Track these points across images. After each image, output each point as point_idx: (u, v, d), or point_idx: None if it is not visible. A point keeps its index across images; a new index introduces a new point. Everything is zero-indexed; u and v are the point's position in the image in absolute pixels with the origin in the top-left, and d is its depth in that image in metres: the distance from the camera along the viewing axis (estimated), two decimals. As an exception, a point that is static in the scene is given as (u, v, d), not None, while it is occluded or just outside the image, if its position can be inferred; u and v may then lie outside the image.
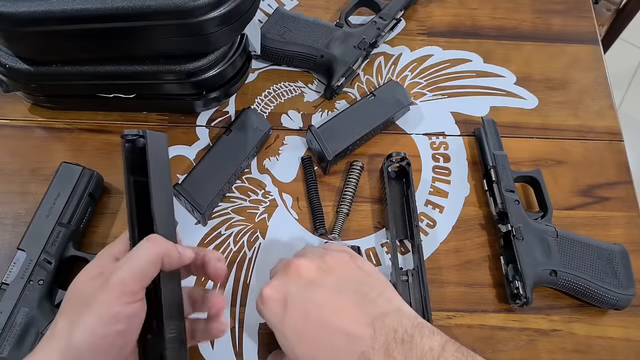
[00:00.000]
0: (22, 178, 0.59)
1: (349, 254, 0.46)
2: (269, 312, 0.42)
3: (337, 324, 0.39)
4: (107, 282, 0.35)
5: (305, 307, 0.41)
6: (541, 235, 0.56)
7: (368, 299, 0.41)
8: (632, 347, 0.56)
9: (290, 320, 0.40)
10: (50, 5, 0.49)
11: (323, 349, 0.39)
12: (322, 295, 0.41)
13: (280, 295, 0.42)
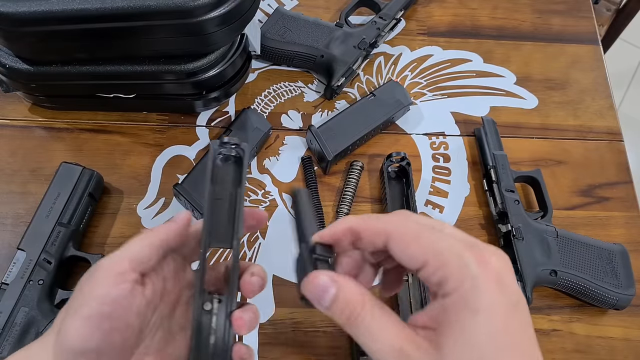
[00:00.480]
0: (22, 178, 0.59)
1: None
2: (492, 290, 0.27)
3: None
4: (97, 266, 0.34)
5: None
6: (541, 235, 0.56)
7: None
8: (632, 347, 0.56)
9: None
10: (50, 5, 0.49)
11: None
12: (527, 323, 0.29)
13: (512, 285, 0.28)
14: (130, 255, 0.34)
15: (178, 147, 0.62)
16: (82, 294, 0.33)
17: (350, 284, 0.30)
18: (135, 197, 0.59)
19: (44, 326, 0.49)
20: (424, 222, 0.31)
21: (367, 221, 0.32)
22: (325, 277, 0.30)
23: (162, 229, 0.36)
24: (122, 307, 0.33)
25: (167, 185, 0.60)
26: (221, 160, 0.38)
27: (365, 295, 0.30)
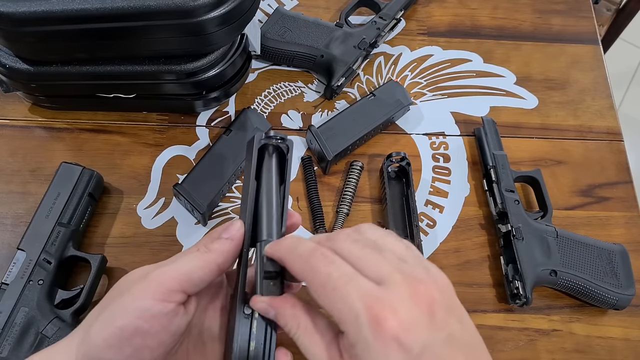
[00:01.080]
0: (22, 178, 0.59)
1: (447, 278, 0.32)
2: (382, 354, 0.27)
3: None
4: (146, 275, 0.32)
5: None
6: (541, 235, 0.56)
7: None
8: (632, 347, 0.56)
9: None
10: (50, 5, 0.49)
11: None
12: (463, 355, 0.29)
13: (411, 341, 0.27)
14: (183, 275, 0.32)
15: (178, 147, 0.62)
16: (122, 300, 0.31)
17: (285, 309, 0.32)
18: (135, 197, 0.59)
19: (44, 326, 0.49)
20: (342, 270, 0.30)
21: (293, 264, 0.32)
22: (264, 305, 0.32)
23: (222, 250, 0.33)
24: (160, 325, 0.31)
25: (167, 185, 0.60)
26: (266, 155, 0.36)
27: (299, 318, 0.32)
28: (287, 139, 0.36)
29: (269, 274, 0.33)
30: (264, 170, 0.36)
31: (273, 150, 0.36)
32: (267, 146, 0.36)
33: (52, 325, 0.49)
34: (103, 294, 0.54)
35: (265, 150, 0.36)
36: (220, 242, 0.34)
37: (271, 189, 0.36)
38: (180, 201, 0.58)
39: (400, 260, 0.31)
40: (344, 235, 0.32)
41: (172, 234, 0.58)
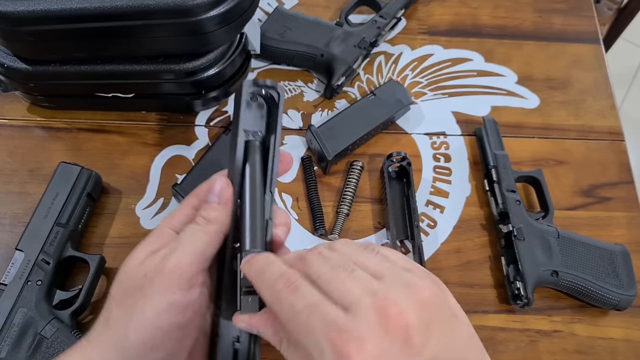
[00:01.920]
0: (20, 178, 0.59)
1: (438, 283, 0.30)
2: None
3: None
4: (163, 267, 0.31)
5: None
6: (542, 236, 0.56)
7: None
8: (634, 347, 0.55)
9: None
10: (49, 4, 0.49)
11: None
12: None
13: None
14: (198, 256, 0.32)
15: (177, 146, 0.62)
16: (150, 298, 0.30)
17: (266, 327, 0.31)
18: (134, 197, 0.59)
19: (43, 327, 0.49)
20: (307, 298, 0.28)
21: (260, 289, 0.31)
22: (244, 324, 0.32)
23: (221, 218, 0.33)
24: (193, 311, 0.31)
25: (166, 185, 0.60)
26: (253, 102, 0.34)
27: (281, 334, 0.30)
28: (277, 86, 0.34)
29: (248, 289, 0.32)
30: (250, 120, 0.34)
31: (261, 99, 0.34)
32: (254, 94, 0.34)
33: (51, 326, 0.49)
34: (102, 294, 0.54)
35: (253, 97, 0.34)
36: (215, 210, 0.33)
37: (256, 138, 0.34)
38: (179, 201, 0.58)
39: (374, 277, 0.28)
40: (315, 255, 0.31)
41: (171, 234, 0.58)
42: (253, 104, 0.34)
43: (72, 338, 0.49)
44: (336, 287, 0.28)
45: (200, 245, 0.32)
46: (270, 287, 0.30)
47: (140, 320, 0.30)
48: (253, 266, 0.32)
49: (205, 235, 0.32)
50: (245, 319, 0.32)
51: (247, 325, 0.31)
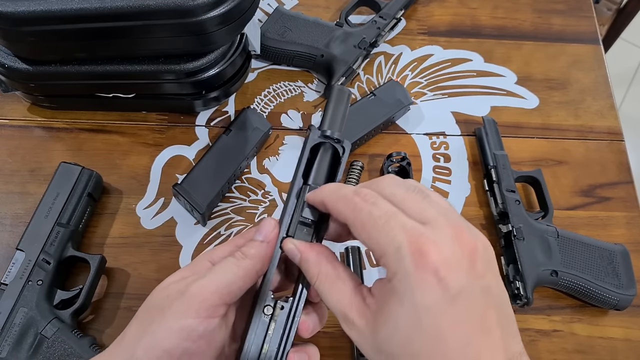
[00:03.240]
0: (21, 178, 0.59)
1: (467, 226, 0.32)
2: (420, 285, 0.27)
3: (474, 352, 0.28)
4: (185, 290, 0.31)
5: (460, 317, 0.27)
6: (542, 236, 0.56)
7: (509, 332, 0.29)
8: (633, 347, 0.55)
9: (437, 320, 0.27)
10: (49, 4, 0.49)
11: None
12: (476, 312, 0.28)
13: (451, 279, 0.27)
14: (224, 288, 0.31)
15: (177, 147, 0.62)
16: (165, 321, 0.30)
17: (310, 255, 0.33)
18: (134, 197, 0.59)
19: (43, 327, 0.49)
20: (384, 208, 0.30)
21: (335, 204, 0.32)
22: (292, 247, 0.33)
23: (259, 255, 0.33)
24: (207, 343, 0.31)
25: (167, 185, 0.60)
26: (317, 150, 0.35)
27: (321, 266, 0.32)
28: (344, 142, 0.35)
29: (305, 220, 0.34)
30: (313, 170, 0.35)
31: (327, 149, 0.35)
32: (322, 144, 0.35)
33: (51, 325, 0.49)
34: (102, 294, 0.54)
35: (319, 148, 0.35)
36: (256, 247, 0.33)
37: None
38: (179, 201, 0.58)
39: (446, 209, 0.31)
40: (389, 179, 0.32)
41: (171, 234, 0.58)
42: (320, 151, 0.35)
43: (72, 338, 0.49)
44: (412, 205, 0.30)
45: (230, 277, 0.31)
46: (348, 199, 0.31)
47: (151, 340, 0.30)
48: (324, 189, 0.33)
49: (238, 269, 0.32)
50: (296, 243, 0.33)
51: (295, 248, 0.33)
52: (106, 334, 0.53)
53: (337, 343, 0.54)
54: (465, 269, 0.28)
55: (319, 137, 0.35)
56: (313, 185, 0.35)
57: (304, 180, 0.35)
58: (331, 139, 0.35)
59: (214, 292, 0.31)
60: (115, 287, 0.55)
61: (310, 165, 0.35)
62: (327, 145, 0.35)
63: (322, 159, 0.35)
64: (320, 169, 0.35)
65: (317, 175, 0.35)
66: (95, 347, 0.50)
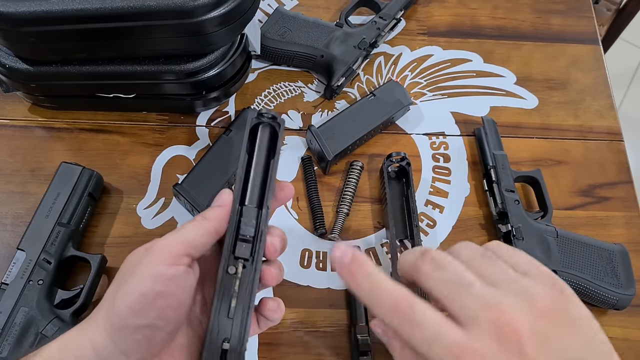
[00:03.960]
0: (21, 178, 0.59)
1: (559, 287, 0.31)
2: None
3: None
4: (152, 247, 0.35)
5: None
6: (541, 235, 0.56)
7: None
8: (632, 347, 0.56)
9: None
10: (50, 5, 0.49)
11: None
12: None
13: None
14: (186, 240, 0.35)
15: (178, 147, 0.62)
16: (136, 272, 0.33)
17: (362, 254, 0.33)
18: (135, 197, 0.59)
19: (44, 326, 0.49)
20: (432, 328, 0.29)
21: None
22: (345, 246, 0.33)
23: (217, 216, 0.36)
24: (177, 286, 0.33)
25: (167, 185, 0.60)
26: (257, 130, 0.39)
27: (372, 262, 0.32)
28: (279, 117, 0.39)
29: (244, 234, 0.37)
30: (256, 145, 0.39)
31: (265, 127, 0.39)
32: (260, 124, 0.39)
33: (52, 325, 0.49)
34: (103, 293, 0.54)
35: (258, 127, 0.39)
36: (214, 210, 0.37)
37: (260, 162, 0.38)
38: (180, 201, 0.58)
39: (490, 286, 0.29)
40: (429, 265, 0.31)
41: (172, 234, 0.58)
42: (258, 130, 0.39)
43: (73, 337, 0.49)
44: (453, 304, 0.29)
45: (192, 234, 0.35)
46: (386, 314, 0.30)
47: (126, 289, 0.33)
48: (360, 286, 0.32)
49: (198, 228, 0.36)
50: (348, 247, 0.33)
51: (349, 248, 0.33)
52: (107, 334, 0.53)
53: (337, 343, 0.54)
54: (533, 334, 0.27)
55: (255, 118, 0.39)
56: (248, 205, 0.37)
57: (248, 156, 0.38)
58: (266, 117, 0.39)
59: (176, 244, 0.34)
60: (115, 286, 0.55)
61: (254, 142, 0.39)
62: (265, 124, 0.39)
63: (262, 137, 0.39)
64: (262, 145, 0.39)
65: (259, 151, 0.38)
66: (96, 346, 0.50)
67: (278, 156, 0.38)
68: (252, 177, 0.38)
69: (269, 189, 0.37)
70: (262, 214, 0.37)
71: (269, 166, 0.38)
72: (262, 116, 0.38)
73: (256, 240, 0.36)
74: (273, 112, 0.39)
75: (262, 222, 0.37)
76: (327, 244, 0.59)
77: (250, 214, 0.37)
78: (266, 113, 0.38)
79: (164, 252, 0.34)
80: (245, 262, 0.36)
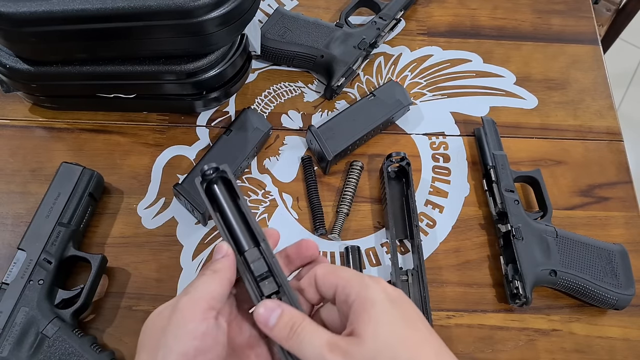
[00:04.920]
0: (22, 178, 0.59)
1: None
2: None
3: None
4: (176, 306, 0.35)
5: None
6: (541, 235, 0.56)
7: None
8: (632, 347, 0.56)
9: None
10: (50, 5, 0.49)
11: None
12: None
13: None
14: (207, 294, 0.35)
15: (178, 147, 0.62)
16: (170, 332, 0.34)
17: (289, 306, 0.36)
18: (135, 197, 0.59)
19: (44, 326, 0.49)
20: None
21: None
22: (272, 303, 0.36)
23: (224, 266, 0.37)
24: (212, 339, 0.34)
25: (168, 185, 0.60)
26: (210, 187, 0.40)
27: (302, 314, 0.36)
28: (220, 168, 0.39)
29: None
30: (218, 200, 0.40)
31: (215, 181, 0.40)
32: (209, 182, 0.40)
33: (52, 325, 0.49)
34: (103, 293, 0.55)
35: (210, 185, 0.40)
36: (220, 262, 0.38)
37: (231, 210, 0.39)
38: (180, 201, 0.58)
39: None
40: None
41: (172, 234, 0.58)
42: (212, 187, 0.40)
43: (73, 337, 0.49)
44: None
45: (210, 288, 0.36)
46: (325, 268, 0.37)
47: (165, 352, 0.33)
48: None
49: (213, 281, 0.36)
50: (273, 301, 0.36)
51: (275, 304, 0.36)
52: (107, 334, 0.53)
53: (337, 342, 0.54)
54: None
55: (200, 182, 0.39)
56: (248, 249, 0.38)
57: (219, 212, 0.40)
58: (209, 173, 0.39)
59: (200, 299, 0.35)
60: (116, 286, 0.55)
61: (214, 198, 0.40)
62: (212, 180, 0.40)
63: (218, 189, 0.40)
64: (223, 196, 0.40)
65: (224, 202, 0.39)
66: (96, 346, 0.50)
67: (242, 195, 0.39)
68: (234, 225, 0.39)
69: (254, 224, 0.39)
70: (263, 248, 0.38)
71: (240, 207, 0.39)
72: (206, 175, 0.39)
73: (273, 270, 0.37)
74: (213, 165, 0.39)
75: (267, 254, 0.38)
76: (328, 244, 0.59)
77: (254, 255, 0.38)
78: (208, 169, 0.39)
79: (192, 309, 0.34)
80: (277, 294, 0.37)
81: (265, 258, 0.37)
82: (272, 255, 0.38)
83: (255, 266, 0.37)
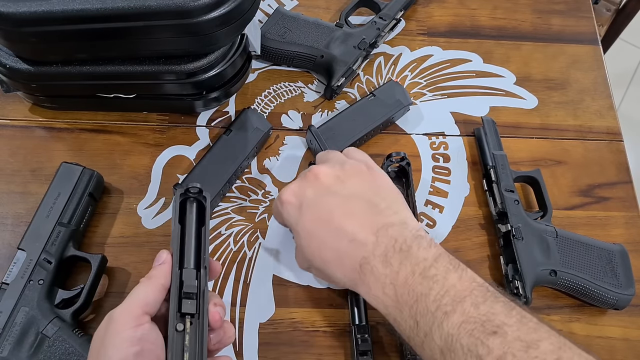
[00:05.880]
0: (22, 178, 0.59)
1: (367, 165, 0.49)
2: (287, 214, 0.47)
3: (345, 229, 0.43)
4: (111, 317, 0.38)
5: (317, 211, 0.45)
6: (541, 235, 0.56)
7: (377, 210, 0.45)
8: (632, 347, 0.56)
9: (304, 222, 0.45)
10: (50, 5, 0.49)
11: (329, 250, 0.44)
12: (335, 201, 0.45)
13: (297, 199, 0.47)
14: (139, 300, 0.38)
15: (178, 147, 0.62)
16: (108, 343, 0.36)
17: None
18: (135, 197, 0.59)
19: (44, 326, 0.49)
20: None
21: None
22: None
23: (161, 273, 0.41)
24: (150, 343, 0.37)
25: (167, 185, 0.60)
26: (186, 202, 0.43)
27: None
28: (203, 193, 0.42)
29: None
30: (186, 217, 0.43)
31: (192, 201, 0.43)
32: (187, 199, 0.43)
33: (52, 325, 0.49)
34: (103, 293, 0.55)
35: (186, 201, 0.43)
36: (157, 269, 0.41)
37: (191, 231, 0.42)
38: (180, 201, 0.59)
39: (324, 162, 0.50)
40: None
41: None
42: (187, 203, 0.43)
43: (73, 337, 0.49)
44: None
45: (142, 294, 0.39)
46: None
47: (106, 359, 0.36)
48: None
49: (146, 287, 0.40)
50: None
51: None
52: (107, 333, 0.53)
53: (337, 343, 0.54)
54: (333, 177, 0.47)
55: (182, 194, 0.42)
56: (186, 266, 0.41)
57: (181, 226, 0.43)
58: (192, 192, 0.43)
59: (133, 307, 0.38)
60: (116, 286, 0.55)
61: (184, 214, 0.43)
62: (191, 199, 0.43)
63: (191, 209, 0.43)
64: (191, 216, 0.43)
65: (189, 222, 0.42)
66: (96, 346, 0.50)
67: (208, 224, 0.42)
68: (187, 243, 0.42)
69: (204, 252, 0.41)
70: (201, 274, 0.40)
71: (201, 233, 0.42)
72: (189, 192, 0.42)
73: (199, 296, 0.40)
74: (199, 187, 0.42)
75: (202, 281, 0.40)
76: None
77: (191, 275, 0.40)
78: (192, 188, 0.42)
79: (125, 317, 0.37)
80: (192, 318, 0.39)
81: (199, 282, 0.40)
82: (206, 285, 0.40)
83: (187, 283, 0.40)
